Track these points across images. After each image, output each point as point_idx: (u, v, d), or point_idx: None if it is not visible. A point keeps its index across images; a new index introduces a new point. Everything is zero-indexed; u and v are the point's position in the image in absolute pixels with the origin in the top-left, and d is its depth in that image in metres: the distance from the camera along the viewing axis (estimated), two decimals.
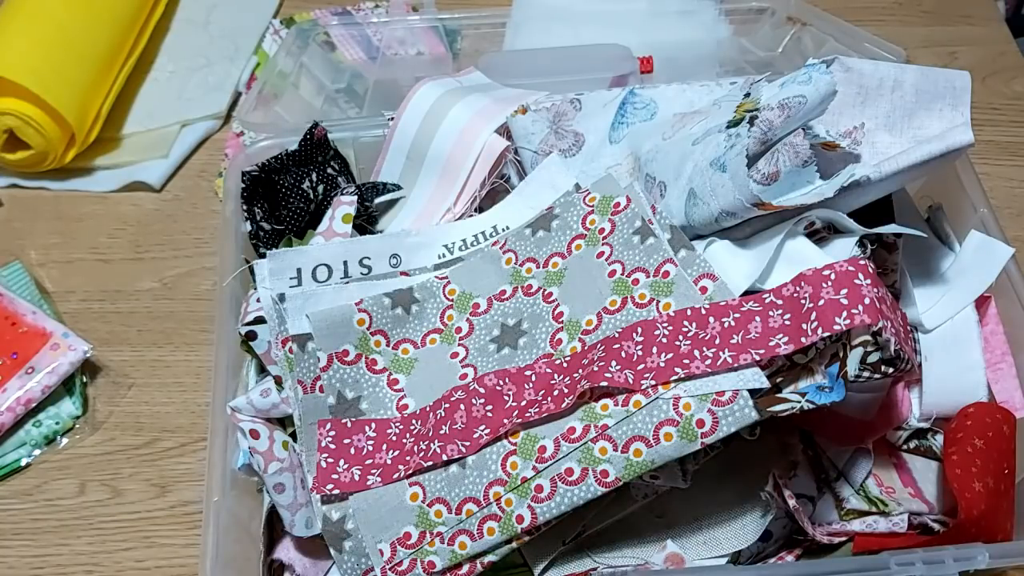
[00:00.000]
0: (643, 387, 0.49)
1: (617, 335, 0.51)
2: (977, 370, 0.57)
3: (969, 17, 0.95)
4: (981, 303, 0.59)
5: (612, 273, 0.55)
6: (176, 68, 0.92)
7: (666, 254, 0.53)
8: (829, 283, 0.48)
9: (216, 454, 0.55)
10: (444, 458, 0.51)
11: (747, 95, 0.56)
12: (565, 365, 0.53)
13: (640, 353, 0.50)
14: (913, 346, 0.56)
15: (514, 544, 0.51)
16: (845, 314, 0.47)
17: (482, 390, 0.53)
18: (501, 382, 0.53)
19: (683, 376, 0.49)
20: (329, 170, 0.68)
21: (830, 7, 0.83)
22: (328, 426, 0.54)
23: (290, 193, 0.65)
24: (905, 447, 0.59)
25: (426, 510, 0.51)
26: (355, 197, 0.64)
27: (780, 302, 0.50)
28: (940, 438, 0.57)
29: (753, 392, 0.48)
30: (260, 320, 0.58)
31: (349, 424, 0.54)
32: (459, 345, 0.57)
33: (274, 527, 0.57)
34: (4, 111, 0.78)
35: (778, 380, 0.50)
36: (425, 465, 0.52)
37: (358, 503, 0.52)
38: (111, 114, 0.86)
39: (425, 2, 0.94)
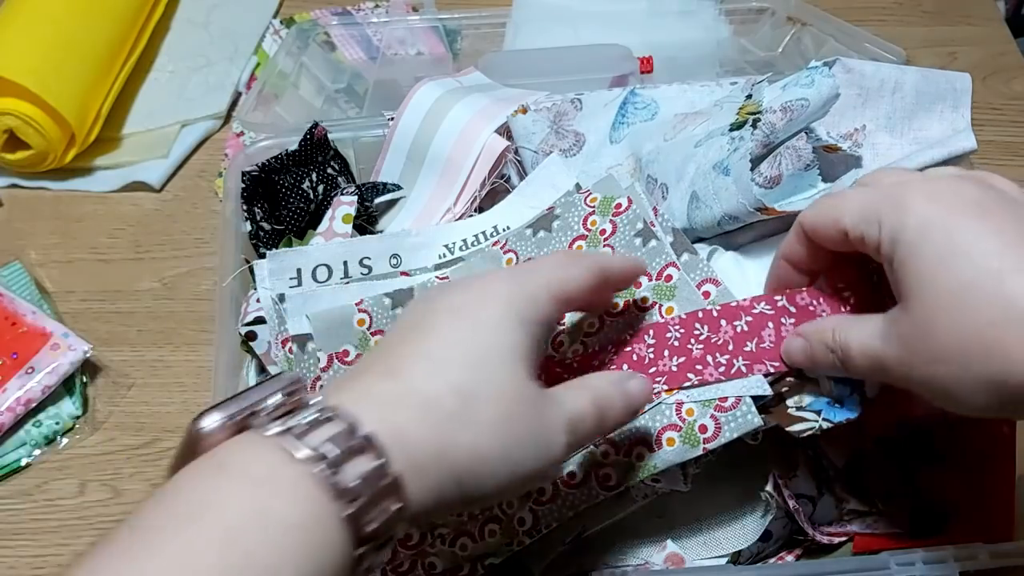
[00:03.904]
0: (655, 391, 0.49)
1: (628, 337, 0.51)
2: None
3: (969, 17, 0.95)
4: None
5: None
6: (176, 68, 0.92)
7: (668, 257, 0.53)
8: (848, 306, 0.48)
9: None
10: None
11: (749, 96, 0.56)
12: (575, 366, 0.52)
13: (652, 356, 0.50)
14: None
15: (515, 546, 0.51)
16: None
17: None
18: None
19: (696, 383, 0.48)
20: (329, 170, 0.68)
21: (830, 7, 0.83)
22: None
23: (290, 193, 0.65)
24: (905, 447, 0.59)
25: None
26: (355, 197, 0.64)
27: (793, 310, 0.49)
28: (940, 438, 0.57)
29: (757, 399, 0.48)
30: (260, 320, 0.58)
31: None
32: None
33: None
34: (4, 111, 0.78)
35: (782, 389, 0.49)
36: None
37: None
38: (111, 114, 0.86)
39: (425, 2, 0.94)
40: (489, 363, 0.37)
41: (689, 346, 0.49)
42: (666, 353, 0.49)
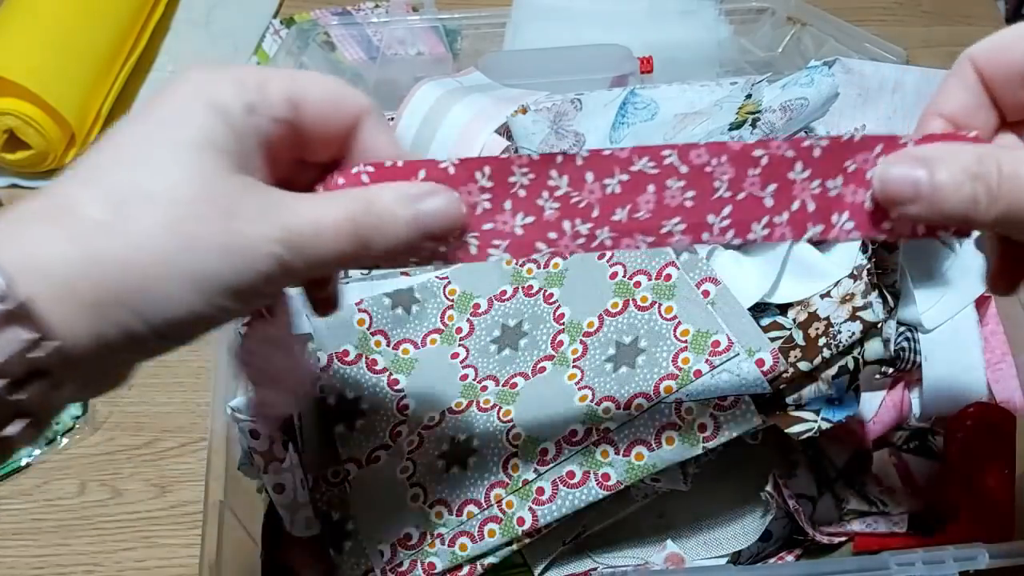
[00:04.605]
0: (490, 256, 0.36)
1: (452, 171, 0.35)
2: (977, 370, 0.57)
3: (969, 17, 0.95)
4: (981, 303, 0.59)
5: (613, 275, 0.55)
6: (176, 68, 0.92)
7: (668, 256, 0.53)
8: (756, 170, 0.35)
9: (216, 454, 0.55)
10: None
11: (748, 96, 0.56)
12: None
13: (488, 206, 0.36)
14: None
15: (514, 546, 0.51)
16: (766, 220, 0.36)
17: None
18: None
19: (546, 251, 0.36)
20: None
21: (830, 7, 0.83)
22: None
23: None
24: (905, 447, 0.59)
25: (427, 511, 0.51)
26: None
27: (685, 170, 0.35)
28: (940, 438, 0.58)
29: (755, 397, 0.48)
30: None
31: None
32: (459, 345, 0.57)
33: (274, 527, 0.57)
34: (4, 111, 0.78)
35: (780, 387, 0.49)
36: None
37: (358, 505, 0.52)
38: (111, 114, 0.86)
39: (425, 2, 0.94)
40: (155, 159, 0.30)
41: (540, 202, 0.36)
42: (508, 205, 0.36)
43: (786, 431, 0.48)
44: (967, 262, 0.59)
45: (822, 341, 0.49)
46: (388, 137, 0.36)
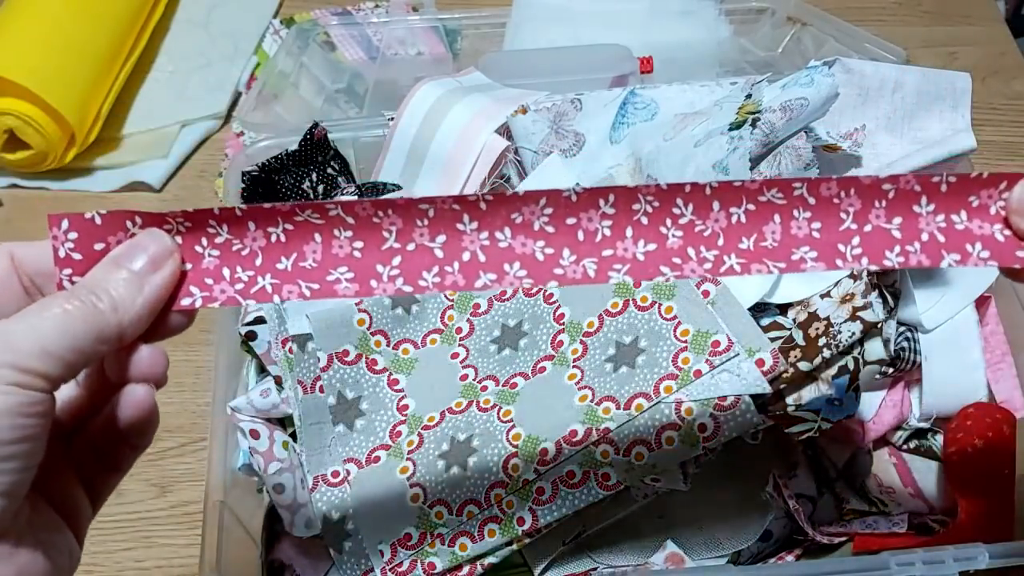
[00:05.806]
0: (610, 279, 0.36)
1: (575, 199, 0.36)
2: (977, 370, 0.57)
3: (969, 17, 0.95)
4: (981, 303, 0.59)
5: None
6: (176, 68, 0.92)
7: None
8: (883, 203, 0.37)
9: (216, 454, 0.55)
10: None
11: (748, 96, 0.56)
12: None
13: (608, 233, 0.37)
14: None
15: (514, 546, 0.51)
16: (898, 249, 0.37)
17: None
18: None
19: (671, 276, 0.36)
20: (329, 170, 0.68)
21: (830, 7, 0.83)
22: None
23: (290, 193, 0.65)
24: (905, 447, 0.59)
25: (427, 511, 0.51)
26: (355, 197, 0.64)
27: (812, 202, 0.36)
28: (940, 438, 0.58)
29: (756, 397, 0.48)
30: (260, 320, 0.58)
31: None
32: (459, 345, 0.57)
33: (274, 527, 0.57)
34: (4, 111, 0.78)
35: (780, 387, 0.50)
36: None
37: (358, 504, 0.52)
38: (111, 114, 0.86)
39: (425, 2, 0.94)
40: None
41: (663, 229, 0.36)
42: (629, 232, 0.36)
43: (786, 431, 0.48)
44: None
45: (822, 341, 0.49)
46: (32, 247, 0.38)
